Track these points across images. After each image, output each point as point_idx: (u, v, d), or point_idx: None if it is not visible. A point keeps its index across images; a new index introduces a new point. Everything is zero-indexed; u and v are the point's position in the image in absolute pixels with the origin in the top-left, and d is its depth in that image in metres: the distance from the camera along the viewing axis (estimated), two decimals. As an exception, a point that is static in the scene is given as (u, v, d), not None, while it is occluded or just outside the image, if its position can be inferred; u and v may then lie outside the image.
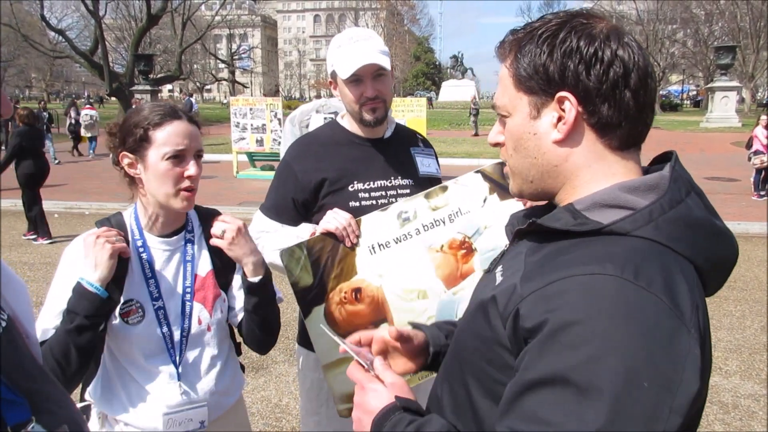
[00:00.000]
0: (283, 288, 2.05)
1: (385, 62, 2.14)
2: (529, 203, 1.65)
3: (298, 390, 2.59)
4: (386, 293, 2.12)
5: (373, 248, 2.11)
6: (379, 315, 2.11)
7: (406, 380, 1.28)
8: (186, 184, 1.74)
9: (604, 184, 1.06)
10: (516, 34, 1.12)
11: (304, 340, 2.38)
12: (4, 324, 0.95)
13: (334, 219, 2.04)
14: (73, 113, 21.62)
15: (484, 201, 2.21)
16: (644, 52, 1.05)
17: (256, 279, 1.85)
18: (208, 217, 1.94)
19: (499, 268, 1.14)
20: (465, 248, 2.18)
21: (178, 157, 1.72)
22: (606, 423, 0.81)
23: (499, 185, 2.22)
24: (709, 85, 34.53)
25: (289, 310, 6.16)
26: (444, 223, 2.17)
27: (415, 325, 1.54)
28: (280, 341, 6.07)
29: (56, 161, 17.46)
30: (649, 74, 1.05)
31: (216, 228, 1.83)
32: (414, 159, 2.36)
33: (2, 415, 0.84)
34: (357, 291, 2.10)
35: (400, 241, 2.14)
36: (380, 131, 2.32)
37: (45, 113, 20.32)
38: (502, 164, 2.21)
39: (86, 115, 20.72)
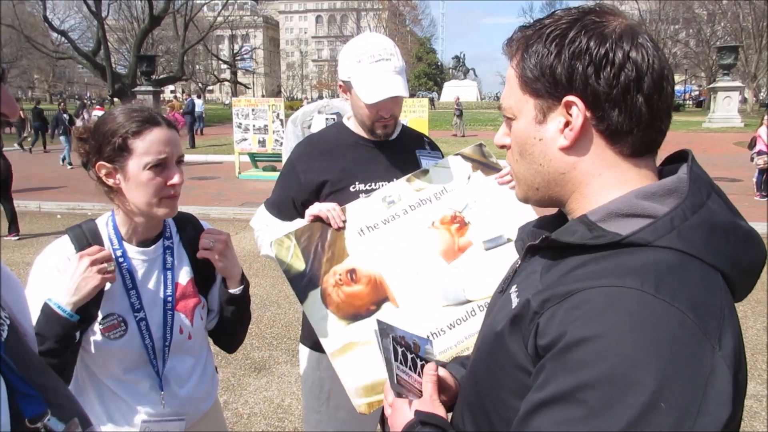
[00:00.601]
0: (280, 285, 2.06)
1: (406, 90, 2.16)
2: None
3: (301, 389, 2.60)
4: (384, 273, 2.11)
5: (361, 231, 2.13)
6: (379, 295, 2.10)
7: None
8: (170, 192, 1.69)
9: (617, 192, 0.98)
10: (524, 31, 1.05)
11: (307, 338, 2.39)
12: (8, 323, 0.96)
13: (319, 205, 2.10)
14: (85, 114, 22.37)
15: (468, 178, 2.23)
16: (661, 54, 0.98)
17: (237, 290, 1.88)
18: (184, 222, 1.92)
19: (514, 288, 1.06)
20: (458, 222, 2.19)
21: (160, 166, 1.66)
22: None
23: (481, 163, 2.25)
24: (711, 85, 34.46)
25: (291, 311, 6.17)
26: (431, 201, 2.19)
27: (452, 365, 1.46)
28: (282, 342, 6.05)
29: (69, 166, 17.10)
30: (665, 77, 0.97)
31: (205, 241, 1.81)
32: (419, 161, 2.37)
33: (19, 408, 0.85)
34: (352, 272, 2.09)
35: (389, 222, 2.15)
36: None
37: (65, 115, 19.89)
38: (481, 145, 2.25)
39: (95, 116, 20.71)
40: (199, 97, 37.63)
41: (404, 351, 1.29)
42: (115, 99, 31.44)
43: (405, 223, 2.15)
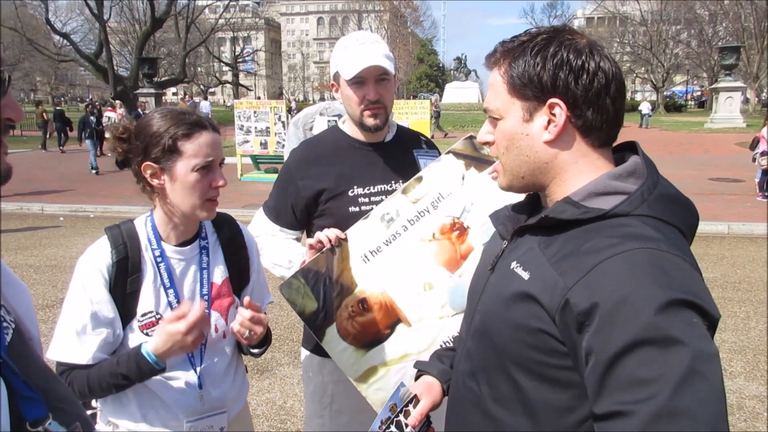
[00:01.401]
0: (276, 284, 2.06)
1: (389, 66, 2.14)
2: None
3: (303, 392, 2.60)
4: (392, 295, 2.12)
5: (365, 257, 2.12)
6: (391, 318, 2.12)
7: None
8: (214, 194, 1.75)
9: (589, 176, 1.22)
10: (506, 45, 1.25)
11: (309, 342, 2.39)
12: (13, 326, 0.97)
13: (319, 235, 2.07)
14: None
15: (463, 178, 2.20)
16: (618, 66, 1.23)
17: (257, 351, 1.95)
18: (221, 222, 1.95)
19: (514, 264, 1.24)
20: (457, 229, 2.17)
21: (206, 168, 1.71)
22: (691, 361, 0.96)
23: (473, 159, 2.21)
24: (713, 86, 34.42)
25: (293, 313, 6.16)
26: (428, 212, 2.16)
27: (420, 368, 1.69)
28: (284, 344, 6.06)
29: (94, 171, 16.69)
30: (623, 84, 1.22)
31: (243, 330, 1.79)
32: (417, 161, 2.36)
33: (21, 411, 0.86)
34: (362, 302, 2.10)
35: (390, 242, 2.13)
36: (381, 135, 2.32)
37: (92, 117, 19.01)
38: (472, 137, 2.23)
39: (107, 117, 22.07)
40: (205, 98, 37.80)
41: (397, 421, 1.57)
42: (117, 101, 31.49)
43: (406, 240, 2.14)
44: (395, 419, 1.57)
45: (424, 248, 2.15)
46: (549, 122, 1.20)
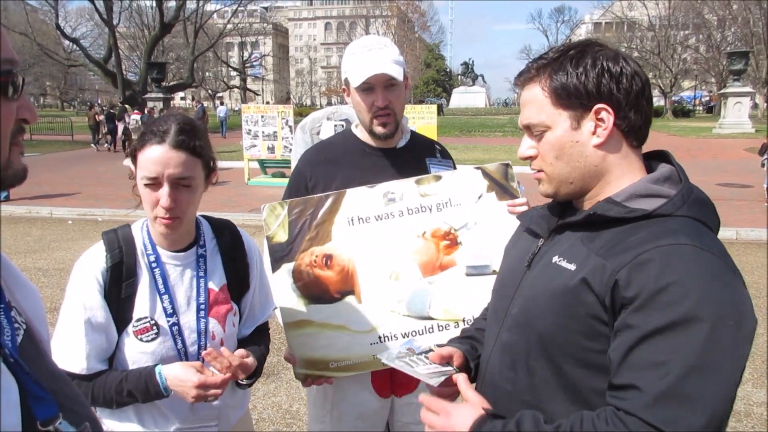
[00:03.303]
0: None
1: (397, 72, 2.12)
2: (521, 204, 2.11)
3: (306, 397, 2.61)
4: (358, 267, 2.13)
5: (352, 220, 2.13)
6: (346, 286, 2.13)
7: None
8: (159, 212, 1.67)
9: (630, 177, 1.33)
10: (539, 62, 1.35)
11: None
12: (24, 327, 0.98)
13: None
14: (126, 118, 24.12)
15: (479, 197, 2.18)
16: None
17: (246, 382, 1.93)
18: (221, 228, 1.94)
19: (556, 258, 1.34)
20: (449, 239, 2.16)
21: (153, 184, 1.66)
22: (705, 346, 1.09)
23: (498, 185, 2.19)
24: (722, 91, 34.31)
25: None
26: (430, 210, 2.16)
27: (449, 344, 1.69)
28: (290, 347, 5.90)
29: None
30: (650, 86, 1.36)
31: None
32: (428, 169, 2.33)
33: (32, 410, 0.87)
34: (328, 257, 2.12)
35: (381, 219, 2.14)
36: (393, 140, 2.30)
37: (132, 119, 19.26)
38: (507, 165, 2.22)
39: (134, 119, 22.64)
40: (221, 104, 38.29)
41: (411, 359, 1.58)
42: (126, 105, 31.68)
43: (396, 224, 2.14)
44: (416, 356, 1.60)
45: (409, 241, 2.15)
46: (596, 127, 1.30)
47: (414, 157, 2.34)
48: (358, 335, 2.13)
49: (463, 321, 2.14)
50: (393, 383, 2.29)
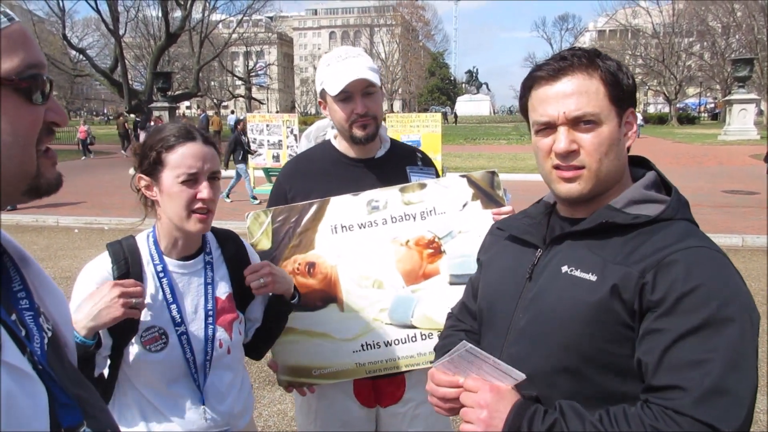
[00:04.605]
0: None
1: (375, 78, 2.12)
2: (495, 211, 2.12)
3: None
4: (340, 275, 2.14)
5: (335, 228, 2.14)
6: (329, 294, 2.14)
7: None
8: (199, 205, 1.72)
9: (626, 184, 1.39)
10: (591, 53, 1.36)
11: None
12: (50, 334, 0.98)
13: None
14: (148, 126, 24.72)
15: (464, 205, 2.16)
16: None
17: (295, 299, 1.96)
18: (225, 238, 1.95)
19: (566, 268, 1.34)
20: (433, 248, 2.15)
21: (191, 180, 1.71)
22: (737, 343, 1.15)
23: (484, 193, 2.17)
24: (726, 98, 34.27)
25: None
26: (414, 218, 2.15)
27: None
28: (295, 355, 5.87)
29: (228, 200, 13.88)
30: None
31: (256, 283, 1.83)
32: (409, 178, 2.31)
33: (58, 417, 0.88)
34: (311, 265, 2.13)
35: (365, 227, 2.14)
36: (372, 150, 2.29)
37: (245, 138, 14.81)
38: (493, 173, 2.21)
39: (153, 127, 22.72)
40: (232, 112, 38.57)
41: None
42: (131, 114, 31.88)
43: (380, 233, 2.14)
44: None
45: (392, 249, 2.15)
46: (627, 130, 1.37)
47: (393, 167, 2.31)
48: (341, 343, 2.15)
49: None
50: (377, 393, 2.29)
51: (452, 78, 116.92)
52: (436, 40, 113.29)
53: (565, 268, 1.33)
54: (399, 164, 2.33)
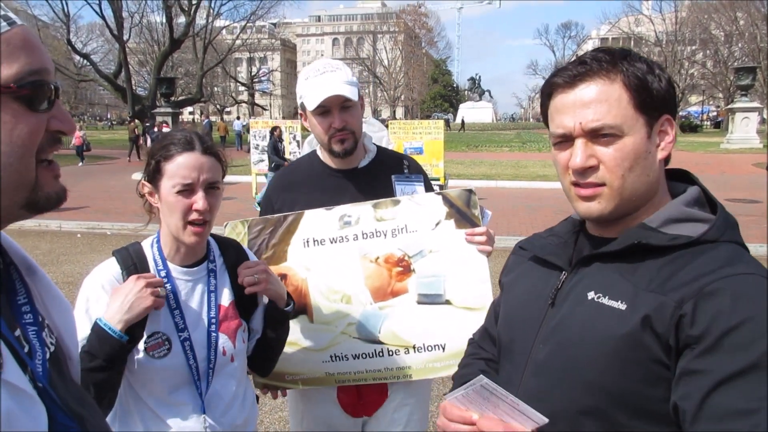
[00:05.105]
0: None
1: (351, 93, 2.13)
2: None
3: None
4: (310, 287, 2.17)
5: (307, 242, 2.16)
6: (299, 305, 2.15)
7: None
8: (193, 216, 1.70)
9: (664, 200, 1.23)
10: (610, 55, 1.19)
11: None
12: (52, 348, 0.96)
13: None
14: (156, 130, 25.22)
15: (437, 224, 2.15)
16: None
17: (289, 307, 1.93)
18: (227, 246, 1.95)
19: (592, 294, 1.18)
20: (402, 266, 2.15)
21: (186, 190, 1.69)
22: None
23: (459, 212, 2.15)
24: (729, 106, 34.27)
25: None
26: (385, 235, 2.15)
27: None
28: (296, 362, 5.87)
29: (258, 208, 14.03)
30: None
31: (249, 278, 1.82)
32: (393, 187, 2.31)
33: None
34: (283, 277, 2.14)
35: (336, 242, 2.16)
36: (354, 161, 2.29)
37: (281, 144, 14.34)
38: (470, 192, 2.16)
39: (157, 133, 23.85)
40: (238, 118, 38.76)
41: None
42: (135, 120, 31.96)
43: (350, 248, 2.15)
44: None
45: (361, 265, 2.16)
46: (660, 140, 1.20)
47: (376, 176, 2.31)
48: (311, 353, 2.19)
49: (413, 347, 2.16)
50: (362, 402, 2.30)
51: (455, 85, 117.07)
52: (439, 47, 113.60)
53: (591, 295, 1.19)
54: (383, 173, 2.33)
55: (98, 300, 1.72)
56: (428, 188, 2.37)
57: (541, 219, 11.04)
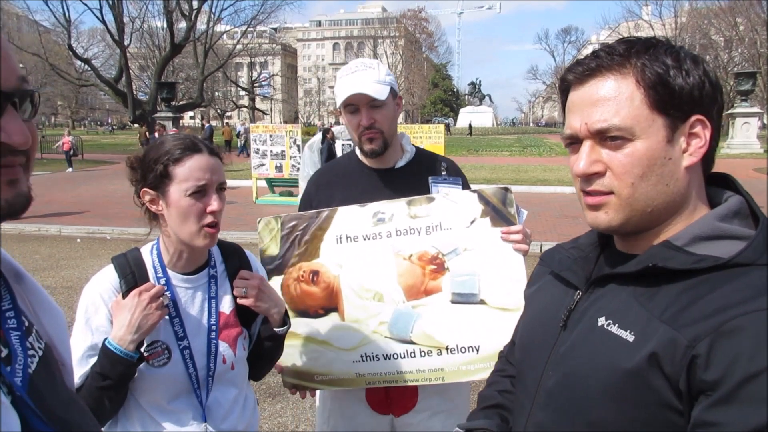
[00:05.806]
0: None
1: (377, 92, 2.12)
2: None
3: (315, 415, 2.61)
4: (342, 285, 2.15)
5: (340, 238, 2.15)
6: (331, 303, 2.15)
7: None
8: (209, 219, 1.68)
9: (699, 212, 1.05)
10: (640, 46, 1.04)
11: None
12: (40, 353, 0.95)
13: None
14: (161, 133, 24.90)
15: (472, 222, 2.11)
16: None
17: (282, 330, 1.89)
18: (230, 252, 1.93)
19: (603, 320, 1.05)
20: (436, 264, 2.12)
21: (200, 192, 1.67)
22: None
23: (495, 210, 2.11)
24: (729, 111, 34.24)
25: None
26: (419, 233, 2.12)
27: (473, 421, 1.40)
28: (296, 367, 5.87)
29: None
30: None
31: (238, 290, 1.81)
32: (430, 189, 2.29)
33: None
34: (315, 273, 2.14)
35: (369, 239, 2.14)
36: (390, 161, 2.30)
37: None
38: (506, 189, 2.12)
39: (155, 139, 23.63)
40: (242, 124, 38.92)
41: None
42: (135, 123, 32.04)
43: (384, 245, 2.13)
44: None
45: (395, 263, 2.13)
46: (687, 144, 1.02)
47: (414, 176, 2.30)
48: (341, 352, 2.16)
49: (447, 349, 2.10)
50: (390, 400, 2.28)
51: (455, 90, 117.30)
52: (440, 51, 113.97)
53: (602, 320, 1.05)
54: (421, 174, 2.32)
55: (97, 311, 1.70)
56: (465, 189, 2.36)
57: (541, 224, 11.04)
